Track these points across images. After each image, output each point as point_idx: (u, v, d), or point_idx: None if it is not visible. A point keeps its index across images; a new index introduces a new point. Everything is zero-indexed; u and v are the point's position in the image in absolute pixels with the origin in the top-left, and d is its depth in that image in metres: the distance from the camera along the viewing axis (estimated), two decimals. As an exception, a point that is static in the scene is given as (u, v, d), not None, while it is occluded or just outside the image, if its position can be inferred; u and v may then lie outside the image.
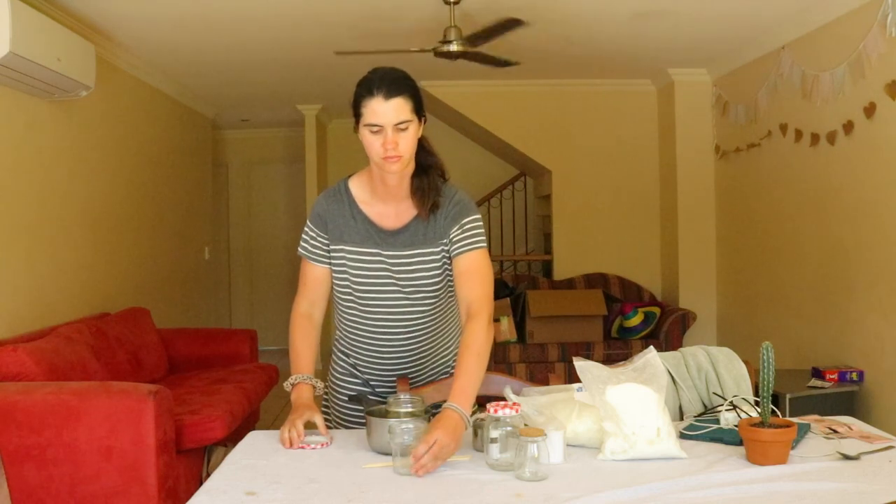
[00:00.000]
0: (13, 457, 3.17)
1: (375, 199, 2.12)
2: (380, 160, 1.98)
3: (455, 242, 2.07)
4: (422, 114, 2.02)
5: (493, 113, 6.77)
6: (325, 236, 2.13)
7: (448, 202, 2.09)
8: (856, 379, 4.38)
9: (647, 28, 4.99)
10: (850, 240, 4.50)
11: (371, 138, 1.96)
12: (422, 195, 2.07)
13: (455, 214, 2.08)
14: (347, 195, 2.14)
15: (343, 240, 2.11)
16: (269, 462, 1.79)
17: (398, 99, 1.93)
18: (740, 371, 2.17)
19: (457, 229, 2.07)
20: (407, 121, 1.95)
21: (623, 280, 6.67)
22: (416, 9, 4.44)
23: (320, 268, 2.15)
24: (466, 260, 2.05)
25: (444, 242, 2.09)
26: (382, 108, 1.92)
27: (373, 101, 1.93)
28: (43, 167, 4.28)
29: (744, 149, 5.78)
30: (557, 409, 1.85)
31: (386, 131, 1.94)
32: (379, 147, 1.95)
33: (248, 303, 9.22)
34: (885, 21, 4.03)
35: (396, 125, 1.94)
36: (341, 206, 2.13)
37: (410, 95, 1.96)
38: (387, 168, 1.99)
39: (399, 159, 1.97)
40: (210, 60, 5.61)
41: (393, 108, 1.92)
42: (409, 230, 2.10)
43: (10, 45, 3.45)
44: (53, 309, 4.34)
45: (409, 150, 1.98)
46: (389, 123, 1.93)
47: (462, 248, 2.06)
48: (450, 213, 2.08)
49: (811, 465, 1.68)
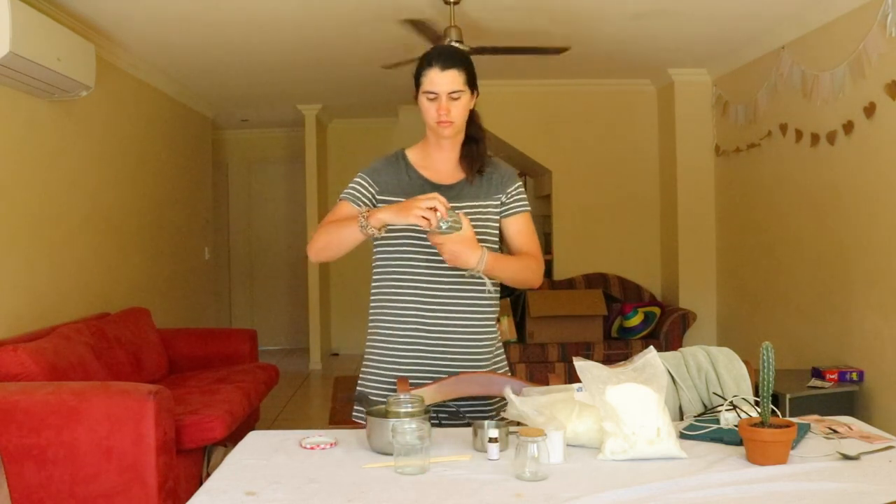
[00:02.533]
0: (13, 457, 3.17)
1: (429, 162, 2.28)
2: (434, 124, 2.18)
3: (507, 204, 2.29)
4: (474, 87, 2.21)
5: (493, 113, 6.74)
6: (375, 188, 2.25)
7: (496, 168, 2.32)
8: (856, 379, 4.38)
9: (647, 28, 4.99)
10: (850, 239, 4.50)
11: (428, 104, 2.17)
12: (470, 161, 2.27)
13: (508, 176, 2.30)
14: (403, 159, 2.30)
15: (396, 193, 2.21)
16: (269, 462, 1.79)
17: (453, 71, 2.14)
18: (740, 371, 2.17)
19: (513, 189, 2.29)
20: (459, 90, 2.15)
21: (623, 280, 6.67)
22: (416, 9, 4.44)
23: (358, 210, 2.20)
24: (521, 220, 2.31)
25: (499, 198, 2.28)
26: (439, 77, 2.14)
27: (431, 71, 2.15)
28: (43, 167, 4.28)
29: (744, 149, 5.78)
30: (557, 409, 1.85)
31: (441, 99, 2.15)
32: (434, 112, 2.16)
33: (248, 303, 9.22)
34: (885, 21, 4.03)
35: (450, 94, 2.15)
36: (396, 166, 2.28)
37: (464, 69, 2.17)
38: (440, 132, 2.19)
39: (451, 125, 2.17)
40: (210, 60, 5.61)
41: (448, 79, 2.14)
42: (463, 185, 2.26)
43: (10, 45, 3.45)
44: (53, 309, 4.34)
45: (460, 117, 2.19)
46: (444, 92, 2.14)
47: (516, 209, 2.30)
48: (504, 173, 2.30)
49: (811, 465, 1.68)
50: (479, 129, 2.31)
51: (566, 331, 6.03)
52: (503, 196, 2.29)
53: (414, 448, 1.68)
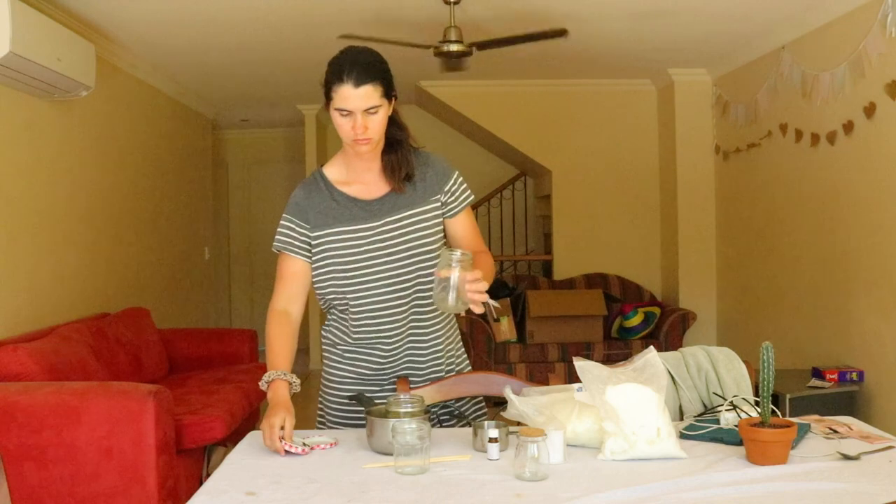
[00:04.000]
0: (13, 457, 3.17)
1: (352, 176, 2.14)
2: (350, 142, 2.02)
3: (448, 204, 2.16)
4: (391, 94, 2.04)
5: (493, 113, 6.77)
6: (306, 226, 2.10)
7: (428, 165, 2.16)
8: (856, 379, 4.38)
9: (647, 28, 4.99)
10: (850, 239, 4.50)
11: (341, 120, 2.00)
12: (391, 170, 2.10)
13: (442, 172, 2.16)
14: (324, 181, 2.14)
15: (328, 224, 2.08)
16: (269, 462, 1.79)
17: (367, 86, 1.96)
18: (740, 371, 2.17)
19: (449, 186, 2.16)
20: (376, 105, 1.98)
21: (623, 280, 6.67)
22: (416, 9, 4.44)
23: (300, 261, 2.12)
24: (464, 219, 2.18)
25: (437, 199, 2.14)
26: (352, 94, 1.95)
27: (343, 87, 1.96)
28: (43, 167, 4.28)
29: (744, 149, 5.78)
30: (557, 409, 1.85)
31: (356, 116, 1.97)
32: (349, 130, 1.99)
33: (248, 303, 9.22)
34: (885, 21, 4.03)
35: (366, 110, 1.97)
36: (320, 193, 2.12)
37: (380, 80, 1.99)
38: (357, 149, 2.04)
39: (369, 141, 2.01)
40: (210, 60, 5.61)
41: (362, 95, 1.95)
42: (393, 197, 2.11)
43: (10, 45, 3.45)
44: (53, 309, 4.34)
45: (378, 131, 2.03)
46: (359, 109, 1.97)
47: (458, 208, 2.17)
48: (437, 169, 2.16)
49: (811, 465, 1.68)
50: (400, 129, 2.13)
51: (566, 331, 6.02)
52: (441, 195, 2.14)
53: (414, 448, 1.68)
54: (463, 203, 2.18)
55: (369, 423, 1.84)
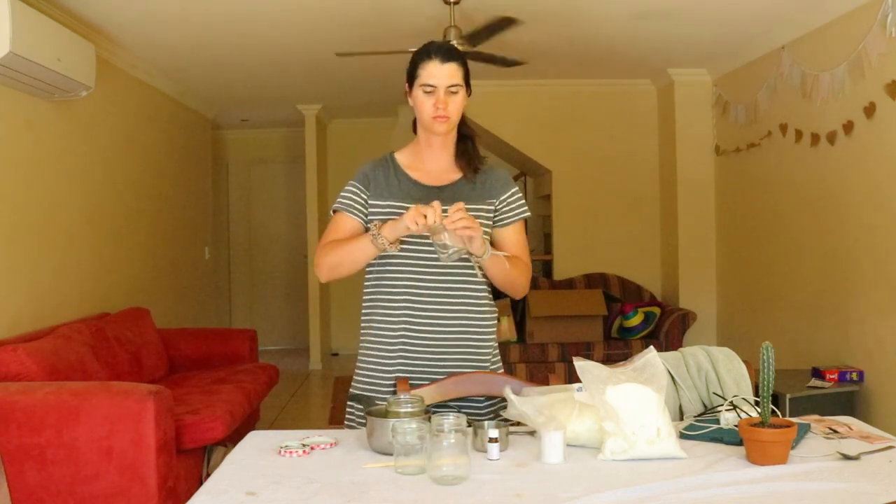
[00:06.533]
0: (13, 457, 3.17)
1: (420, 164, 2.25)
2: (429, 119, 2.14)
3: (500, 212, 2.24)
4: (469, 85, 2.19)
5: (493, 113, 6.76)
6: (366, 193, 2.21)
7: (491, 171, 2.28)
8: (856, 379, 4.38)
9: (647, 28, 4.99)
10: (850, 239, 4.50)
11: (423, 98, 2.14)
12: (468, 158, 2.23)
13: (503, 182, 2.26)
14: (392, 161, 2.26)
15: (384, 196, 2.18)
16: (269, 462, 1.79)
17: (452, 64, 2.13)
18: (740, 371, 2.17)
19: (506, 196, 2.25)
20: (458, 85, 2.14)
21: (623, 280, 6.67)
22: (416, 9, 4.44)
23: (356, 221, 2.21)
24: (514, 231, 2.25)
25: (492, 203, 2.23)
26: (438, 70, 2.12)
27: (430, 63, 2.12)
28: (43, 167, 4.28)
29: (744, 149, 5.78)
30: (557, 409, 1.85)
31: (438, 92, 2.12)
32: (430, 107, 2.13)
33: (248, 303, 9.22)
34: (885, 21, 4.03)
35: (448, 87, 2.12)
36: (385, 169, 2.24)
37: (462, 64, 2.16)
38: (435, 128, 2.15)
39: (447, 119, 2.14)
40: (210, 60, 5.61)
41: (447, 72, 2.12)
42: (455, 188, 2.21)
43: (11, 45, 3.45)
44: (53, 309, 4.34)
45: (456, 113, 2.15)
46: (443, 85, 2.12)
47: (510, 219, 2.25)
48: (499, 178, 2.27)
49: (811, 465, 1.68)
50: (470, 128, 2.28)
51: (566, 331, 6.02)
52: (496, 202, 2.24)
53: (414, 448, 1.68)
54: (517, 215, 2.26)
55: (369, 423, 1.85)
